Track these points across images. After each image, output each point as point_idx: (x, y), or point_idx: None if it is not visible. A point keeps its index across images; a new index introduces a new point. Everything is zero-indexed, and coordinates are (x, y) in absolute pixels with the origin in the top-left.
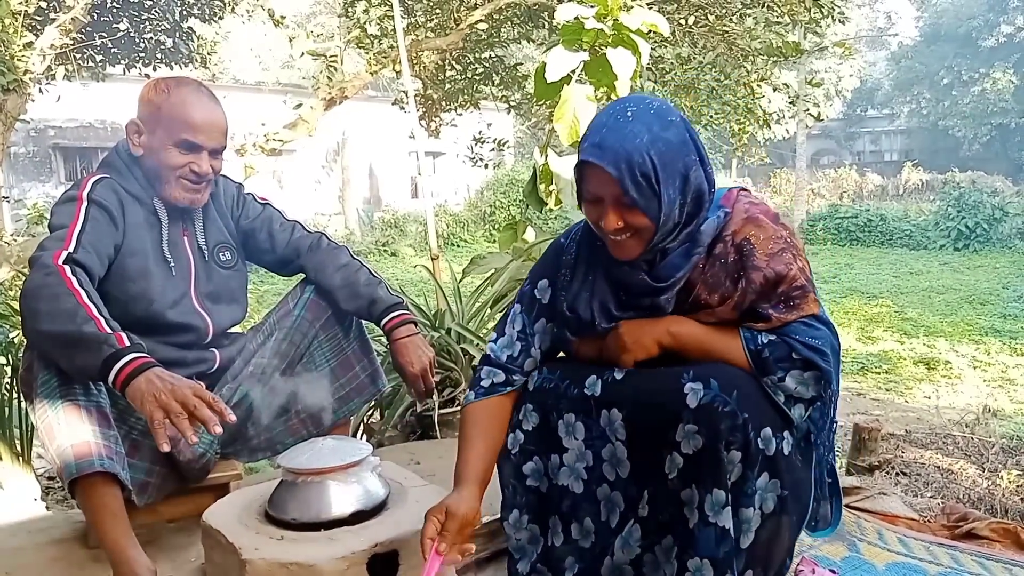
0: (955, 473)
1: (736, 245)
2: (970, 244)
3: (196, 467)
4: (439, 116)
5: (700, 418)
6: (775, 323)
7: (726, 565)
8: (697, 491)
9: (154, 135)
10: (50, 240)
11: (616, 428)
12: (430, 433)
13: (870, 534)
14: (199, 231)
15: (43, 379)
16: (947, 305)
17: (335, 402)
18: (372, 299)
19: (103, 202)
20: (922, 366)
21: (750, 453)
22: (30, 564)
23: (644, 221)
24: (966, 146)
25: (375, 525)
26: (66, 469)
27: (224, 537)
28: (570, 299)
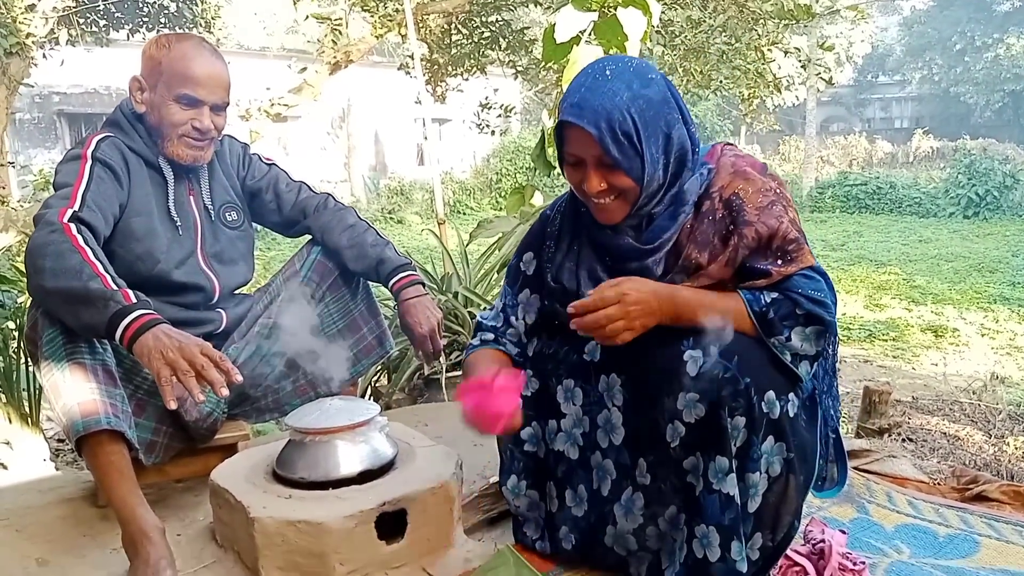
0: (961, 439)
1: (724, 201)
2: (980, 212)
3: (203, 427)
4: (445, 81)
5: (701, 386)
6: (776, 277)
7: (732, 531)
8: (701, 459)
9: (156, 91)
10: (55, 199)
11: (614, 393)
12: (438, 396)
13: (879, 496)
14: (205, 191)
15: (48, 337)
16: (956, 273)
17: (343, 364)
18: (380, 259)
19: (108, 160)
20: (930, 333)
21: (754, 418)
22: (39, 522)
23: (627, 182)
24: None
25: (383, 484)
26: (72, 427)
27: (232, 496)
28: (555, 270)
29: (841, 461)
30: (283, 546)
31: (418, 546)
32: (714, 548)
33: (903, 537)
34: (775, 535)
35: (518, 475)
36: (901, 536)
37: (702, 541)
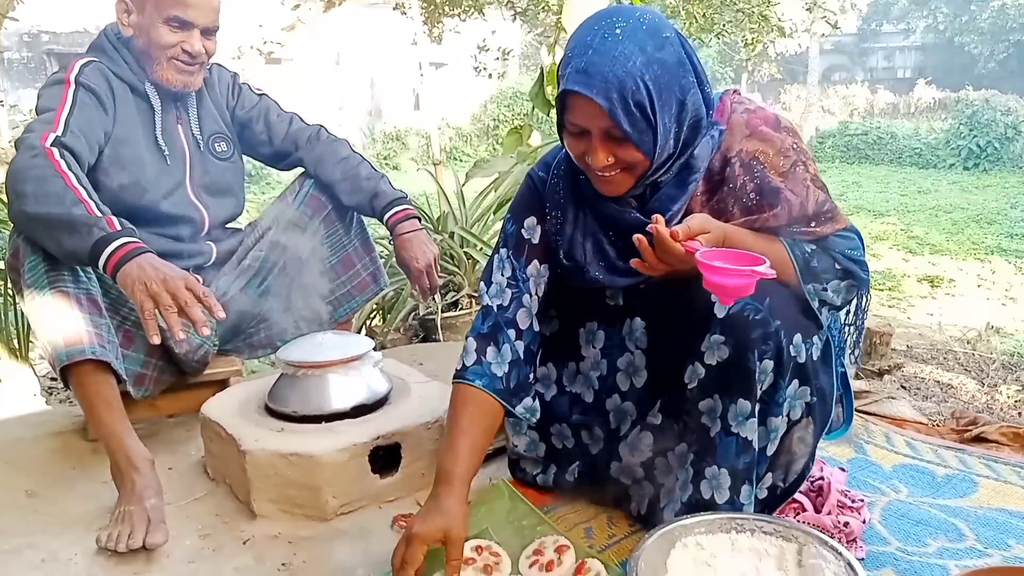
0: (955, 388)
1: (745, 166)
2: (980, 163)
3: (193, 360)
4: (442, 22)
5: (729, 328)
6: (812, 236)
7: (745, 475)
8: (720, 401)
9: (143, 13)
10: (37, 123)
11: (637, 337)
12: (433, 336)
13: (877, 437)
14: (193, 120)
15: (30, 265)
16: (954, 224)
17: (336, 300)
18: (374, 192)
19: (91, 85)
20: (926, 283)
21: (782, 362)
22: (29, 455)
23: (637, 156)
24: (982, 63)
25: (377, 418)
26: (56, 357)
27: (223, 429)
28: (566, 245)
29: (848, 404)
30: (275, 479)
31: (412, 480)
32: (723, 490)
33: (901, 477)
34: (787, 477)
35: None
36: (899, 476)
37: (711, 483)
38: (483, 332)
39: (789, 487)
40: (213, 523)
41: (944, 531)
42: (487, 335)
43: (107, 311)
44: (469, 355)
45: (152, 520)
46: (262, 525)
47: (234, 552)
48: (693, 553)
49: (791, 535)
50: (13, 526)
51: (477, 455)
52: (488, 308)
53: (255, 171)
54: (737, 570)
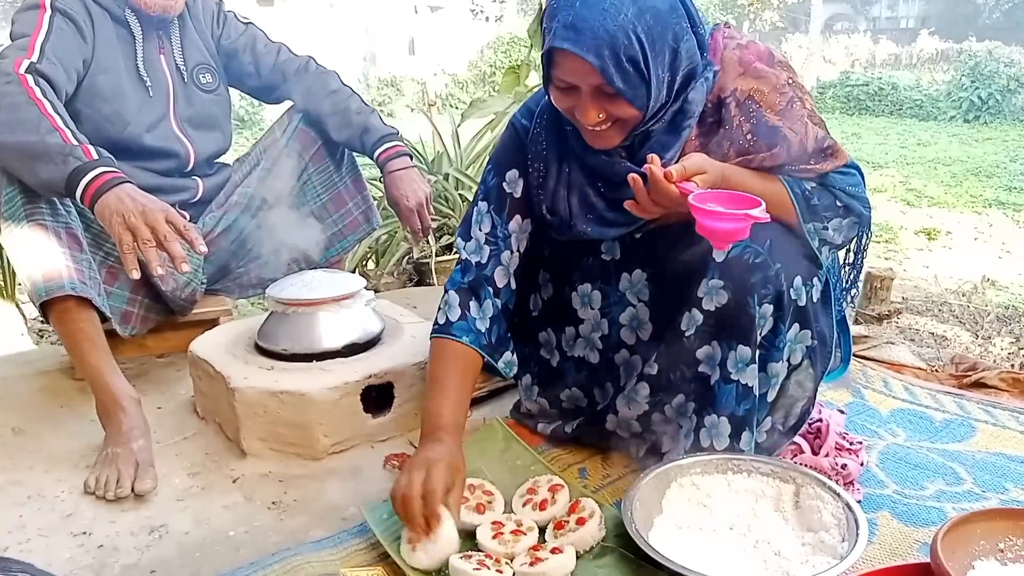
0: (949, 340)
1: (741, 105)
2: (981, 116)
3: (181, 297)
4: None
5: (728, 272)
6: (811, 174)
7: (745, 422)
8: (719, 348)
9: None
10: (10, 48)
11: (639, 290)
12: (427, 280)
13: (875, 382)
14: (176, 50)
15: (7, 197)
16: (952, 176)
17: (327, 238)
18: (365, 127)
19: (68, 11)
20: (923, 236)
21: (783, 305)
22: (16, 393)
23: (630, 111)
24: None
25: (369, 357)
26: (36, 291)
27: (212, 367)
28: (548, 199)
29: (846, 346)
30: (264, 417)
31: (404, 420)
32: (723, 438)
33: (899, 421)
34: (787, 421)
35: (532, 376)
36: (897, 420)
37: (710, 431)
38: (463, 287)
39: (788, 430)
40: (202, 462)
41: (942, 474)
42: (468, 290)
43: (89, 247)
44: (453, 310)
45: (140, 463)
46: (252, 464)
47: (224, 491)
48: (689, 493)
49: (788, 476)
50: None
51: (465, 408)
52: (467, 263)
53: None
54: (733, 511)
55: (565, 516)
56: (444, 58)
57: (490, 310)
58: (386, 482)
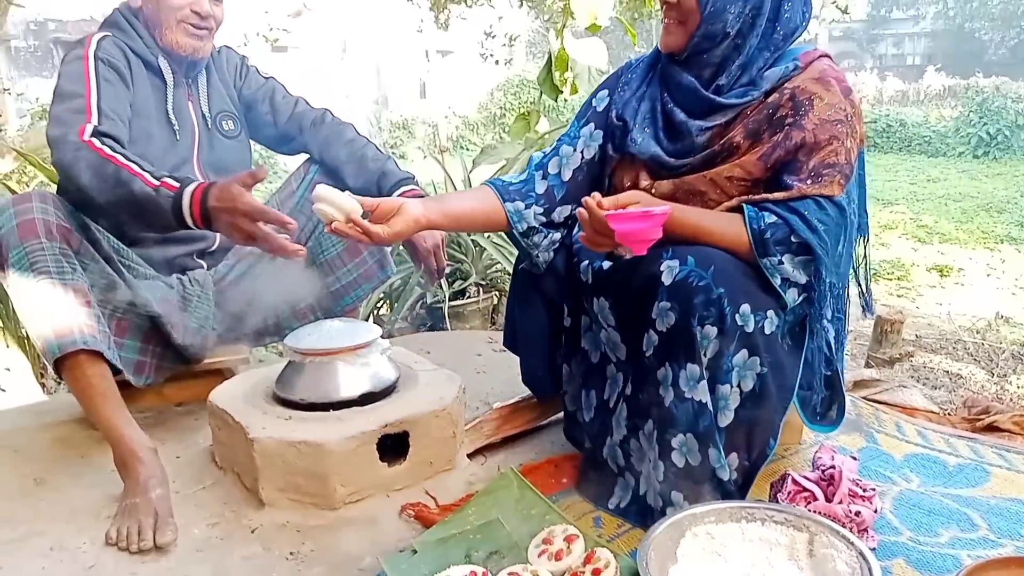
0: (964, 378)
1: (793, 97)
2: (990, 151)
3: (193, 345)
4: (448, 8)
5: (674, 294)
6: (793, 194)
7: (708, 439)
8: (671, 368)
9: None
10: (67, 112)
11: (607, 315)
12: (440, 325)
13: (888, 426)
14: (203, 97)
15: (15, 258)
16: (963, 212)
17: (343, 287)
18: (381, 172)
19: (112, 60)
20: (935, 272)
21: (726, 328)
22: (36, 443)
23: (692, 4)
24: (992, 50)
25: (385, 406)
26: (48, 349)
27: (231, 417)
28: (620, 106)
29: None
30: (283, 467)
31: (420, 468)
32: (695, 453)
33: (912, 466)
34: (750, 454)
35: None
36: (910, 465)
37: (681, 449)
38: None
39: (754, 464)
40: (221, 512)
41: (956, 521)
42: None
43: (98, 301)
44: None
45: (159, 513)
46: (270, 514)
47: (243, 541)
48: (703, 543)
49: (802, 524)
50: (21, 514)
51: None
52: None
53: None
54: (747, 560)
55: (581, 567)
56: (455, 101)
57: (522, 176)
58: (403, 531)
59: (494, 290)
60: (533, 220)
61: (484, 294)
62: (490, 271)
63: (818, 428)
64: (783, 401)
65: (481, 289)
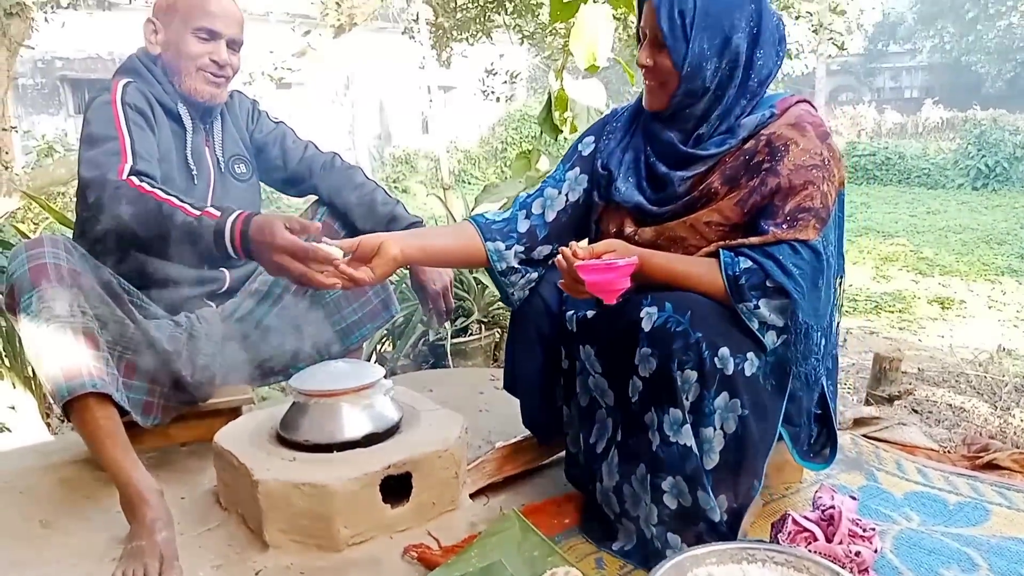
0: (967, 411)
1: (769, 143)
2: (989, 183)
3: (201, 384)
4: (450, 46)
5: (654, 340)
6: (768, 238)
7: (696, 481)
8: (656, 413)
9: (171, 28)
10: (103, 156)
11: (593, 363)
12: (443, 362)
13: (888, 464)
14: (217, 142)
15: (25, 303)
16: (963, 244)
17: (347, 327)
18: (391, 216)
19: (138, 105)
20: (936, 305)
21: (705, 372)
22: (43, 485)
23: (667, 64)
24: (989, 83)
25: (388, 447)
26: (58, 392)
27: (235, 458)
28: (605, 156)
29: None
30: (287, 509)
31: (423, 510)
32: (686, 496)
33: (913, 505)
34: (737, 497)
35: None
36: (911, 504)
37: (672, 492)
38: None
39: (740, 507)
40: (226, 554)
41: (957, 560)
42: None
43: (107, 344)
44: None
45: (165, 556)
46: (274, 556)
47: None
48: None
49: (802, 565)
50: (28, 557)
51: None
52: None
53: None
54: None
55: None
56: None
57: (505, 215)
58: (406, 573)
59: (496, 327)
60: (513, 259)
61: (486, 331)
62: (492, 308)
63: (811, 466)
64: (766, 442)
65: (483, 326)
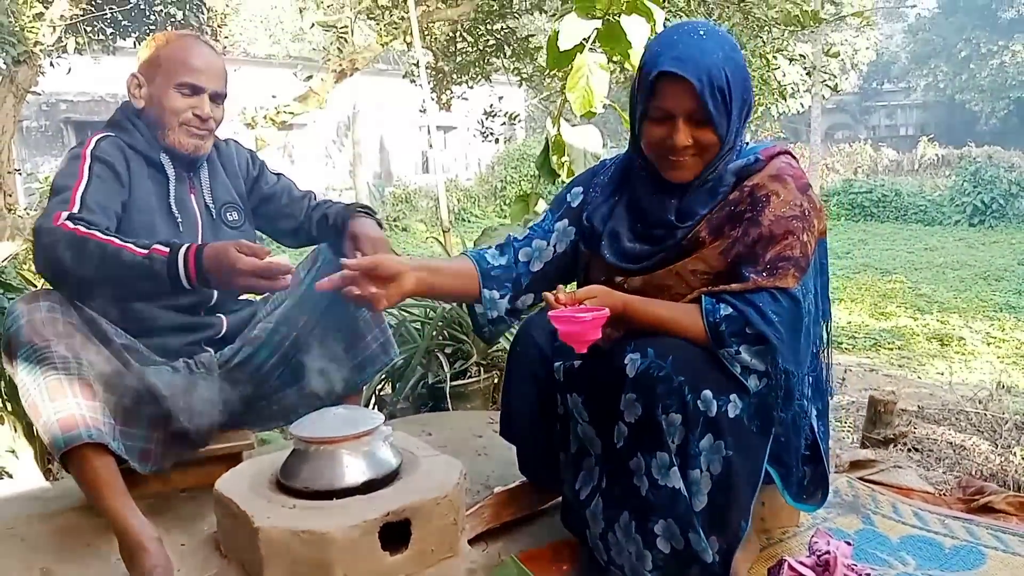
0: (968, 449)
1: (752, 194)
2: (986, 220)
3: (199, 430)
4: (450, 89)
5: (638, 386)
6: (749, 285)
7: (688, 523)
8: (642, 457)
9: (154, 83)
10: (53, 202)
11: (580, 411)
12: (442, 405)
13: (884, 507)
14: (206, 189)
15: (23, 355)
16: (961, 281)
17: (347, 372)
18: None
19: (107, 158)
20: (935, 342)
21: (689, 415)
22: (43, 532)
23: (712, 138)
24: (983, 120)
25: (387, 494)
26: (55, 443)
27: (236, 505)
28: (590, 210)
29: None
30: (287, 556)
31: (422, 556)
32: (678, 538)
33: (909, 548)
34: (726, 538)
35: None
36: (907, 547)
37: (664, 535)
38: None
39: (729, 547)
40: None
41: None
42: (498, 245)
43: (104, 392)
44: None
45: None
46: None
47: None
48: None
49: None
50: None
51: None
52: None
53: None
54: None
55: None
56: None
57: (503, 260)
58: None
59: (495, 369)
60: (503, 310)
61: (485, 373)
62: (491, 351)
63: (803, 507)
64: (752, 483)
65: (482, 369)
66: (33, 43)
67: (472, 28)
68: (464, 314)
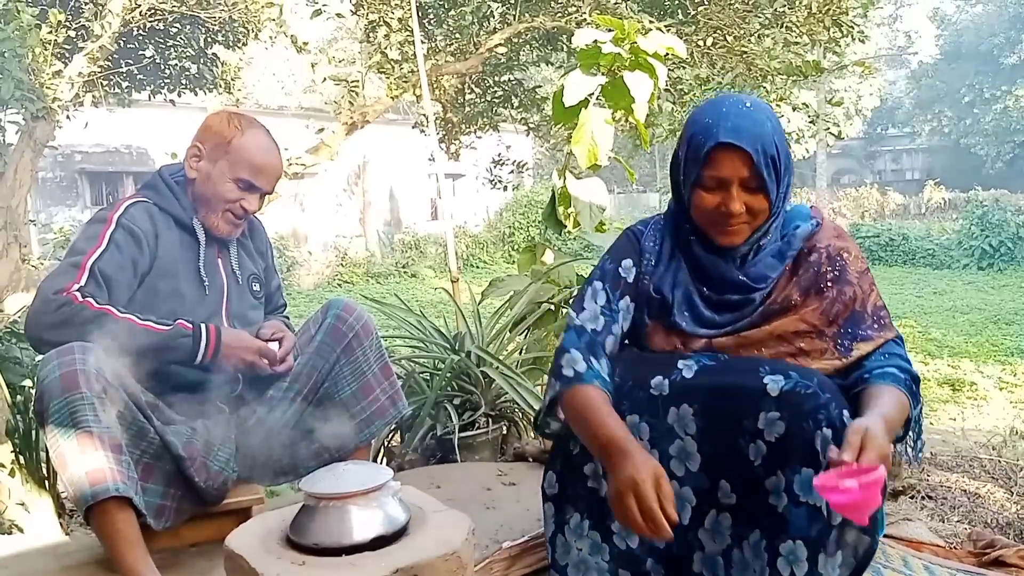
0: (982, 497)
1: (829, 256)
2: (994, 263)
3: (213, 487)
4: (459, 139)
5: (783, 404)
6: (878, 342)
7: (819, 545)
8: (783, 475)
9: (215, 165)
10: (65, 264)
11: (687, 423)
12: (450, 457)
13: (895, 561)
14: (234, 258)
15: (55, 408)
16: (972, 325)
17: (356, 425)
18: None
19: (132, 226)
20: (947, 387)
21: (837, 428)
22: None
23: (764, 204)
24: (989, 164)
25: (396, 550)
26: (81, 496)
27: (246, 562)
28: (657, 280)
29: None
30: None
31: None
32: (802, 563)
33: None
34: (857, 551)
35: (581, 514)
36: None
37: (788, 558)
38: (581, 347)
39: (861, 562)
40: None
41: None
42: (587, 349)
43: (127, 446)
44: (579, 363)
45: None
46: None
47: None
48: None
49: None
50: None
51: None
52: (581, 328)
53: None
54: None
55: None
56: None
57: (606, 368)
58: None
59: (503, 420)
60: None
61: (493, 424)
62: (499, 402)
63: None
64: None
65: (491, 420)
66: (52, 99)
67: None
68: (472, 364)
